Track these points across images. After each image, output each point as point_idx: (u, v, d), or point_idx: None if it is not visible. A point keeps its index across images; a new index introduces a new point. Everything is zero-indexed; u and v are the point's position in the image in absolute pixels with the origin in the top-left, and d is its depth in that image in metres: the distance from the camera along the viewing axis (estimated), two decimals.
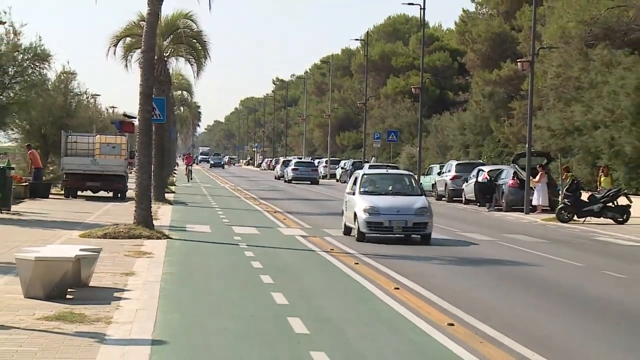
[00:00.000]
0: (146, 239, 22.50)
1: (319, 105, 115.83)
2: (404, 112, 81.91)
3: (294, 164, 76.02)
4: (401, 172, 33.66)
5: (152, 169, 27.82)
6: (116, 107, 76.18)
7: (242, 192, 53.66)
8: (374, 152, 77.66)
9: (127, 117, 36.80)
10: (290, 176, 73.71)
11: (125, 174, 40.66)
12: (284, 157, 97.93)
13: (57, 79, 44.76)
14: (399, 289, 15.65)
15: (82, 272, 14.37)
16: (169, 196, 42.17)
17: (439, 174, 50.33)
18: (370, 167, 52.00)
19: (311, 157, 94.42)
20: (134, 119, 30.75)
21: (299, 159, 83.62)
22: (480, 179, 41.65)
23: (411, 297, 14.84)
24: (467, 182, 44.76)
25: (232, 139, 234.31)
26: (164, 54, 40.63)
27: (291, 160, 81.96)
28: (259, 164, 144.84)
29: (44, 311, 12.22)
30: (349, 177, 61.92)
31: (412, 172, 37.00)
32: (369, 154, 78.99)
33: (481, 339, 11.65)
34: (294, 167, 74.72)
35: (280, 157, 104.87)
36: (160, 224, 26.29)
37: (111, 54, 39.61)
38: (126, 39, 40.20)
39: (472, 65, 65.82)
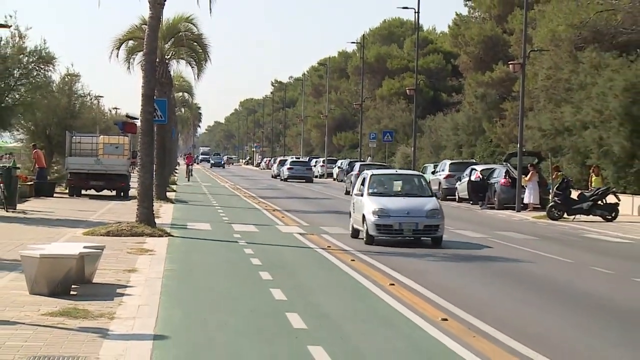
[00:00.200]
0: (148, 236, 22.62)
1: (316, 106, 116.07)
2: (399, 113, 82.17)
3: (290, 163, 77.43)
4: (411, 172, 31.76)
5: (154, 169, 28.24)
6: (119, 108, 75.79)
7: (241, 191, 53.60)
8: (370, 151, 78.09)
9: (129, 118, 36.95)
10: (286, 175, 74.99)
11: (127, 174, 40.89)
12: (281, 157, 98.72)
13: (61, 80, 44.82)
14: (394, 285, 15.74)
15: (86, 269, 14.51)
16: (170, 195, 42.26)
17: (433, 173, 50.40)
18: (361, 167, 52.39)
19: (308, 157, 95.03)
20: (136, 120, 30.55)
21: (296, 158, 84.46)
22: (473, 178, 42.08)
23: (406, 293, 14.94)
24: (460, 180, 45.13)
25: (232, 139, 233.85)
26: (166, 57, 40.85)
27: (287, 159, 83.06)
28: (258, 163, 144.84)
29: (49, 307, 12.31)
30: (345, 176, 63.34)
31: None
32: (365, 154, 79.58)
33: (474, 333, 11.77)
34: (289, 166, 76.05)
35: (277, 157, 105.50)
36: (161, 222, 26.41)
37: (114, 56, 40.02)
38: (129, 42, 40.38)
39: (465, 67, 65.70)
